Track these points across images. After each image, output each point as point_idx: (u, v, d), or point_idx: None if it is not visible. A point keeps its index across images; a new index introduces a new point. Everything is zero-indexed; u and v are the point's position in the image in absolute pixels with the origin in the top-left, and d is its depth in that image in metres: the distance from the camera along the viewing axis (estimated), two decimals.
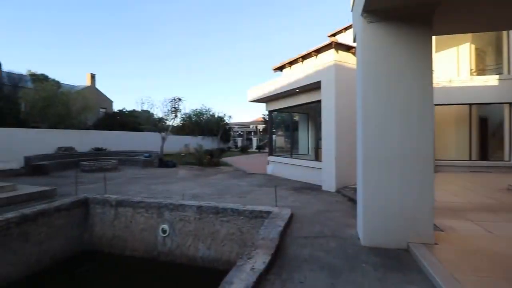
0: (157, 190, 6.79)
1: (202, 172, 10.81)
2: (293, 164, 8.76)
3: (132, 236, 5.03)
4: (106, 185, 6.18)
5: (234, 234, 4.48)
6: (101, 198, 5.29)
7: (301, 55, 7.93)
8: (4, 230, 3.99)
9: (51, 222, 4.65)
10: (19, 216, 4.18)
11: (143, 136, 19.43)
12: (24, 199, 5.33)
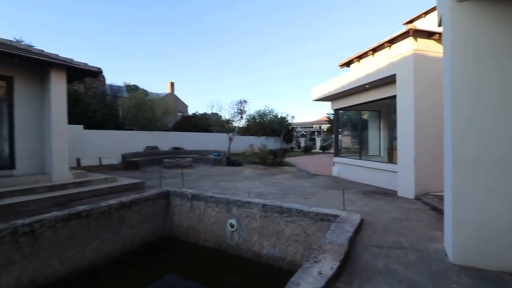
0: (225, 187, 7.24)
1: (266, 172, 11.04)
2: (362, 166, 8.14)
3: (205, 227, 5.49)
4: (183, 180, 6.92)
5: (299, 235, 4.43)
6: (179, 192, 5.94)
7: (371, 47, 7.30)
8: (107, 214, 4.86)
9: (141, 210, 5.46)
10: (118, 203, 5.04)
11: (213, 136, 21.03)
12: (121, 189, 6.40)
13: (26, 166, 6.07)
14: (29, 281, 3.83)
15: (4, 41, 6.13)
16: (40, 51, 6.48)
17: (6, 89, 5.97)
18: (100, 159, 12.49)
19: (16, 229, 3.74)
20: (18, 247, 3.75)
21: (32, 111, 6.23)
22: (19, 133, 5.99)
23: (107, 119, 17.27)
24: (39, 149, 6.28)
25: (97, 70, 6.82)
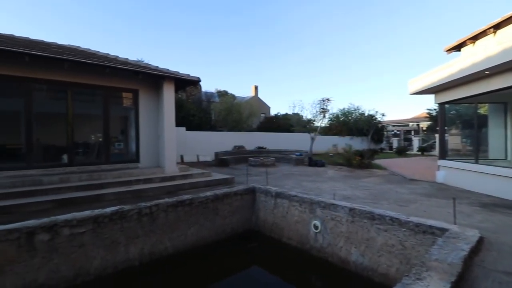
0: (308, 187, 7.14)
1: (351, 174, 10.33)
2: (479, 172, 6.60)
3: (288, 226, 5.57)
4: (267, 178, 7.22)
5: (393, 247, 3.95)
6: (264, 189, 6.23)
7: (492, 24, 5.83)
8: (204, 204, 5.54)
9: (231, 203, 5.99)
10: (213, 195, 5.68)
11: (294, 136, 21.11)
12: (215, 183, 7.18)
13: (146, 160, 7.56)
14: (148, 253, 4.75)
15: (132, 62, 7.82)
16: (156, 67, 7.95)
17: (134, 100, 7.59)
18: (197, 156, 14.37)
19: (140, 210, 4.71)
20: (141, 225, 4.71)
21: (150, 116, 7.71)
22: (142, 134, 7.52)
23: (202, 121, 19.70)
24: (155, 146, 7.71)
25: (197, 79, 7.88)
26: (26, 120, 5.95)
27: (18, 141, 7.59)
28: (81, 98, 7.27)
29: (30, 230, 3.67)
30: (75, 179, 5.89)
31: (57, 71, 6.12)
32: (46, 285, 3.76)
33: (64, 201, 4.96)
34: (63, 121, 6.51)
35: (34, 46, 6.31)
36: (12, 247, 3.56)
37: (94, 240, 4.15)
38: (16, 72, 5.78)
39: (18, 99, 6.24)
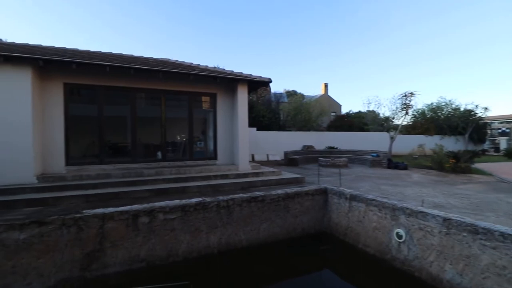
0: (388, 192, 6.47)
1: (443, 179, 8.86)
2: None
3: (365, 231, 5.17)
4: (340, 179, 6.87)
5: (505, 269, 3.21)
6: (337, 190, 5.94)
7: None
8: (276, 202, 5.65)
9: (302, 202, 5.93)
10: (284, 193, 5.73)
11: (369, 136, 19.45)
12: (285, 182, 7.23)
13: (222, 158, 8.19)
14: (225, 243, 5.13)
15: (210, 68, 8.58)
16: (231, 71, 8.52)
17: (212, 103, 8.32)
18: (267, 156, 14.77)
19: (219, 203, 5.12)
20: (220, 216, 5.12)
21: (226, 117, 8.31)
22: (219, 134, 8.18)
23: (272, 122, 20.13)
24: (230, 145, 8.28)
25: (268, 80, 8.10)
26: (132, 123, 7.22)
27: (125, 140, 9.30)
28: (170, 103, 8.40)
29: (135, 213, 4.45)
30: (167, 172, 6.84)
31: (154, 81, 7.22)
32: (146, 260, 4.48)
33: (159, 191, 5.82)
34: (158, 123, 7.64)
35: (136, 61, 7.61)
36: (122, 226, 4.38)
37: (182, 226, 4.73)
38: (124, 84, 7.08)
39: (125, 106, 7.64)
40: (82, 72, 6.40)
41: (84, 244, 4.10)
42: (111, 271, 4.19)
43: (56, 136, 6.32)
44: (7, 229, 3.83)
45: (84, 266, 4.06)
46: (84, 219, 4.12)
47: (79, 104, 7.17)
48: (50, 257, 3.94)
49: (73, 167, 6.43)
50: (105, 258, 4.20)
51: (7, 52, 5.60)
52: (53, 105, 6.32)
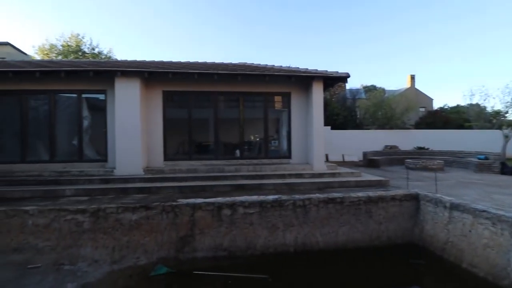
0: (505, 203, 5.19)
1: None
2: None
3: (472, 248, 4.28)
4: (436, 184, 5.90)
5: None
6: (432, 197, 5.12)
7: None
8: (356, 205, 5.26)
9: (387, 208, 5.35)
10: (366, 196, 5.29)
11: (471, 134, 16.11)
12: (366, 184, 6.66)
13: (296, 157, 8.14)
14: (301, 243, 5.07)
15: (284, 68, 8.64)
16: (305, 69, 8.39)
17: (286, 102, 8.36)
18: (343, 156, 13.97)
19: (295, 202, 5.10)
20: (296, 215, 5.09)
21: (300, 116, 8.22)
22: (294, 133, 8.16)
23: (347, 120, 18.92)
24: (304, 145, 8.15)
25: (346, 75, 7.63)
26: (214, 124, 7.93)
27: (207, 140, 10.28)
28: (246, 104, 8.84)
29: (219, 205, 4.85)
30: (244, 169, 7.24)
31: (232, 84, 7.74)
32: (228, 250, 4.82)
33: (238, 186, 6.21)
34: (235, 124, 8.17)
35: (218, 67, 8.30)
36: (209, 216, 4.83)
37: (260, 221, 4.91)
38: (208, 88, 7.81)
39: (207, 108, 8.44)
40: (176, 80, 7.38)
41: (179, 228, 4.71)
42: (199, 255, 4.69)
43: (156, 135, 7.48)
44: (123, 210, 4.73)
45: (179, 248, 4.67)
46: (179, 207, 4.73)
47: (172, 108, 8.29)
48: (153, 237, 4.68)
49: (169, 162, 7.49)
50: (195, 243, 4.72)
51: (123, 68, 6.94)
52: (154, 109, 7.51)
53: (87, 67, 7.06)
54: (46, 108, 7.30)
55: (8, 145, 7.22)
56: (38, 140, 7.28)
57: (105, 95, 7.33)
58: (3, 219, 4.60)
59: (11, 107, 7.23)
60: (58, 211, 4.60)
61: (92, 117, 7.51)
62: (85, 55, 20.62)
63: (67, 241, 4.59)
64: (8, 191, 5.82)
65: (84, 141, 7.29)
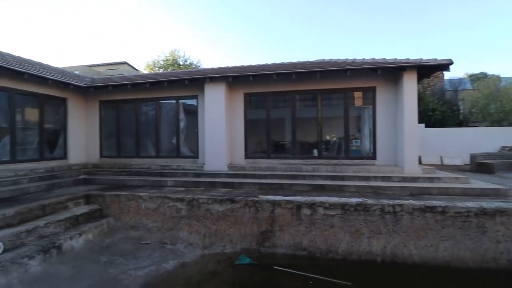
0: None
1: None
2: None
3: None
4: None
5: None
6: None
7: None
8: (464, 217, 4.39)
9: (509, 224, 4.27)
10: (477, 207, 4.36)
11: None
12: (477, 193, 5.48)
13: (383, 158, 7.37)
14: (390, 253, 4.56)
15: (368, 60, 7.93)
16: (394, 59, 7.50)
17: (371, 98, 7.66)
18: (441, 158, 11.89)
19: (383, 207, 4.63)
20: (384, 222, 4.62)
21: (387, 112, 7.39)
22: (379, 132, 7.41)
23: (446, 116, 16.03)
24: (392, 144, 7.30)
25: (447, 62, 6.45)
26: (292, 123, 7.96)
27: (284, 139, 10.40)
28: (324, 102, 8.53)
29: (298, 204, 4.85)
30: (323, 169, 7.01)
31: (311, 82, 7.59)
32: (307, 250, 4.76)
33: (316, 186, 6.06)
34: (312, 123, 7.99)
35: (295, 66, 8.29)
36: (288, 214, 4.89)
37: (342, 225, 4.67)
38: (285, 88, 7.88)
39: (284, 108, 8.53)
40: (256, 82, 7.75)
41: (260, 223, 4.94)
42: (279, 251, 4.79)
43: (239, 135, 8.04)
44: (213, 202, 5.26)
45: (260, 242, 4.88)
46: (260, 203, 4.95)
47: (252, 108, 8.74)
48: (237, 228, 5.04)
49: (249, 160, 7.93)
50: (275, 239, 4.85)
51: (211, 74, 7.73)
52: (236, 110, 8.08)
53: (183, 76, 8.16)
54: (153, 113, 8.79)
55: (127, 143, 9.03)
56: (148, 139, 8.84)
57: (197, 99, 8.32)
58: (125, 202, 5.79)
59: (129, 113, 9.01)
60: (163, 198, 5.49)
61: (187, 119, 8.63)
62: (180, 66, 23.95)
63: (169, 224, 5.42)
64: (128, 179, 7.29)
65: (181, 140, 8.46)
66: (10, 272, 3.67)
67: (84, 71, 13.45)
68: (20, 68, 6.60)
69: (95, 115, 9.10)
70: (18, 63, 7.10)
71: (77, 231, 4.87)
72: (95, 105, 9.11)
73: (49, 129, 8.06)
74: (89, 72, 12.99)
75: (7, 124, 6.90)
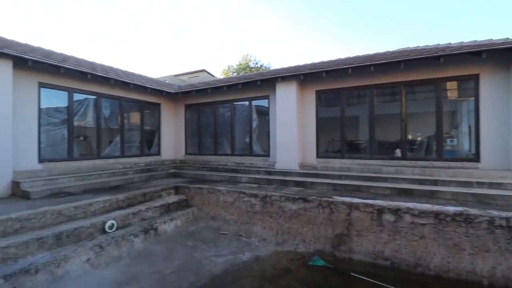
0: None
1: None
2: None
3: None
4: None
5: None
6: None
7: None
8: None
9: None
10: None
11: None
12: None
13: (489, 160, 6.04)
14: (502, 276, 3.71)
15: (467, 43, 6.61)
16: (505, 39, 6.08)
17: (473, 88, 6.38)
18: None
19: (492, 219, 3.80)
20: (494, 238, 3.79)
21: (495, 106, 6.02)
22: (484, 129, 6.10)
23: None
24: (504, 144, 5.91)
25: None
26: (369, 120, 7.32)
27: (360, 138, 9.68)
28: (409, 96, 7.54)
29: (379, 208, 4.42)
30: (408, 172, 6.22)
31: (392, 74, 6.83)
32: (390, 260, 4.30)
33: (401, 190, 5.41)
34: (393, 119, 7.16)
35: (373, 58, 7.58)
36: (367, 218, 4.51)
37: (435, 236, 4.04)
38: (362, 82, 7.30)
39: (359, 105, 7.93)
40: (328, 79, 7.44)
41: (335, 225, 4.72)
42: (356, 257, 4.47)
43: (310, 133, 7.88)
44: (285, 199, 5.30)
45: (335, 245, 4.67)
46: (335, 204, 4.73)
47: (324, 106, 8.43)
48: (310, 228, 4.94)
49: (321, 160, 7.68)
50: (351, 243, 4.55)
51: (282, 74, 7.81)
52: (307, 109, 7.94)
53: (255, 77, 8.50)
54: (228, 114, 9.44)
55: (207, 142, 9.95)
56: (224, 138, 9.55)
57: (268, 99, 8.53)
58: (206, 194, 6.38)
59: (208, 114, 9.91)
60: (238, 193, 5.83)
61: (259, 119, 8.95)
62: (251, 69, 25.09)
63: (244, 217, 5.72)
64: (208, 174, 8.03)
65: (253, 139, 8.83)
66: (121, 246, 4.51)
67: (172, 80, 15.54)
68: (128, 79, 8.06)
69: (181, 117, 10.36)
70: (126, 75, 8.69)
71: (169, 217, 5.63)
72: (181, 109, 10.37)
73: (147, 130, 9.58)
74: (175, 81, 14.99)
75: (118, 126, 8.51)
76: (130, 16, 61.24)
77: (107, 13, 61.12)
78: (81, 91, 7.38)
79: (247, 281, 3.90)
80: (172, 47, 61.07)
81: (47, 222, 4.36)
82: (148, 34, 62.01)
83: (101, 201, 5.20)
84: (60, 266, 3.66)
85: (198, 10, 55.68)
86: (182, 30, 60.97)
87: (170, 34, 61.50)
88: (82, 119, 7.66)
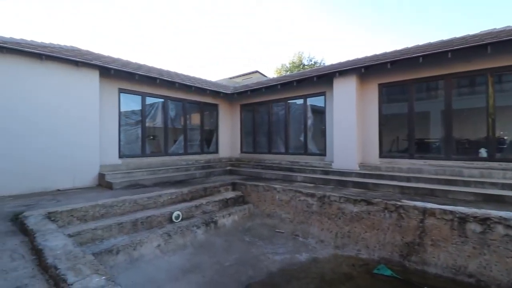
0: None
1: None
2: None
3: None
4: None
5: None
6: None
7: None
8: None
9: None
10: None
11: None
12: None
13: None
14: None
15: None
16: None
17: None
18: None
19: None
20: None
21: None
22: None
23: None
24: None
25: None
26: (445, 115, 6.39)
27: (431, 135, 8.55)
28: (497, 86, 6.32)
29: (462, 216, 3.80)
30: (497, 175, 5.23)
31: (474, 60, 5.84)
32: (475, 277, 3.66)
33: (489, 197, 4.56)
34: (478, 114, 6.09)
35: (447, 44, 6.58)
36: (445, 227, 3.93)
37: None
38: (435, 72, 6.40)
39: (431, 98, 6.97)
40: (393, 70, 6.75)
41: (404, 232, 4.24)
42: (431, 271, 3.93)
43: (371, 131, 7.27)
44: (345, 201, 4.99)
45: (404, 254, 4.19)
46: (405, 208, 4.25)
47: (388, 101, 7.68)
48: (374, 233, 4.54)
49: (385, 159, 7.02)
50: (425, 254, 4.02)
51: (340, 68, 7.39)
52: (369, 105, 7.34)
53: (311, 74, 8.24)
54: (282, 112, 9.38)
55: (261, 140, 10.07)
56: (278, 137, 9.52)
57: (324, 96, 8.18)
58: (262, 192, 6.44)
59: (263, 114, 10.02)
60: (294, 192, 5.73)
61: (314, 117, 8.67)
62: (305, 67, 24.56)
63: (300, 217, 5.59)
64: (263, 172, 8.12)
65: (308, 137, 8.58)
66: (185, 235, 4.86)
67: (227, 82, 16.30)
68: (189, 83, 8.68)
69: (236, 117, 10.73)
70: (187, 79, 9.38)
71: (227, 212, 5.86)
72: (237, 109, 10.74)
73: (206, 129, 10.19)
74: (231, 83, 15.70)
75: (181, 126, 9.25)
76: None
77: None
78: (151, 94, 8.25)
79: (305, 282, 3.78)
80: (219, 49, 61.82)
81: (126, 209, 4.97)
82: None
83: (169, 193, 5.70)
84: (136, 249, 4.13)
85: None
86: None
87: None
88: (152, 120, 8.56)
